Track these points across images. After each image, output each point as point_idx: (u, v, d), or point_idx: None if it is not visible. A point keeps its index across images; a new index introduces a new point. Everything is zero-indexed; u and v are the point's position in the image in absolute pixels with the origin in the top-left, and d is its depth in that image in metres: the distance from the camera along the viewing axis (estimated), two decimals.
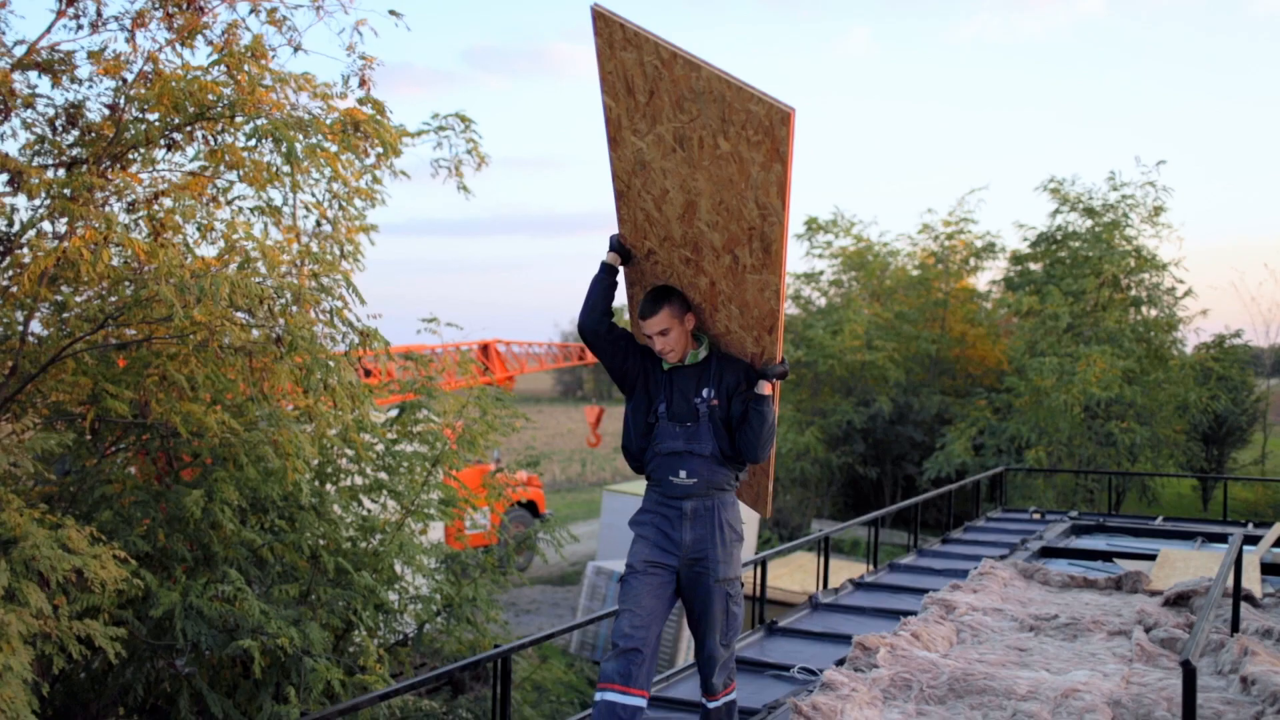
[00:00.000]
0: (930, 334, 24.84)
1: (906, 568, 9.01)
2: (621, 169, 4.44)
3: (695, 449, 4.55)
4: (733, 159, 3.83)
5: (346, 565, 7.53)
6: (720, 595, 4.50)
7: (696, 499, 4.54)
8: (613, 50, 3.94)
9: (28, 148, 7.58)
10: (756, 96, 3.52)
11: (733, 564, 4.56)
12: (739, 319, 4.54)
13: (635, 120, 4.11)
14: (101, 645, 5.50)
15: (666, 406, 4.63)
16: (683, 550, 4.51)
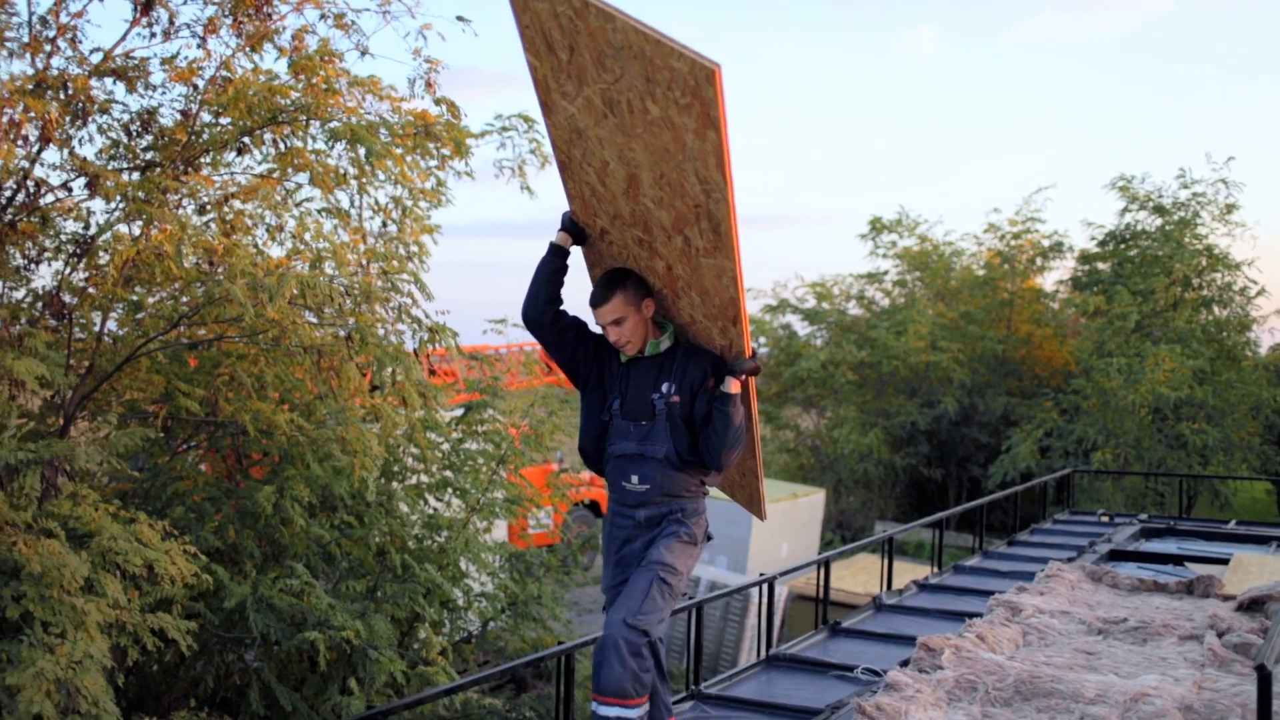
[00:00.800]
0: (996, 334, 24.56)
1: (971, 569, 8.93)
2: (558, 138, 4.01)
3: (648, 451, 4.12)
4: (665, 125, 3.40)
5: (412, 562, 7.62)
6: (647, 572, 4.03)
7: (649, 507, 4.14)
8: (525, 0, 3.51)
9: (103, 152, 7.76)
10: (677, 51, 3.06)
11: (674, 555, 4.09)
12: (701, 308, 4.07)
13: (562, 82, 3.70)
14: (174, 637, 5.61)
15: (620, 403, 4.20)
16: (632, 561, 4.18)
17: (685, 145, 3.38)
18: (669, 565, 4.03)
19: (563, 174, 4.17)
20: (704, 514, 4.26)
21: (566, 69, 3.60)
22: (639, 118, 3.47)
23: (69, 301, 7.62)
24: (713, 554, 18.37)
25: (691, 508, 4.19)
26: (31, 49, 6.83)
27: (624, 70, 3.33)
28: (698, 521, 4.21)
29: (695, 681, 5.65)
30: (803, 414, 27.04)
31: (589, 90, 3.57)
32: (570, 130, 3.87)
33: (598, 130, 3.71)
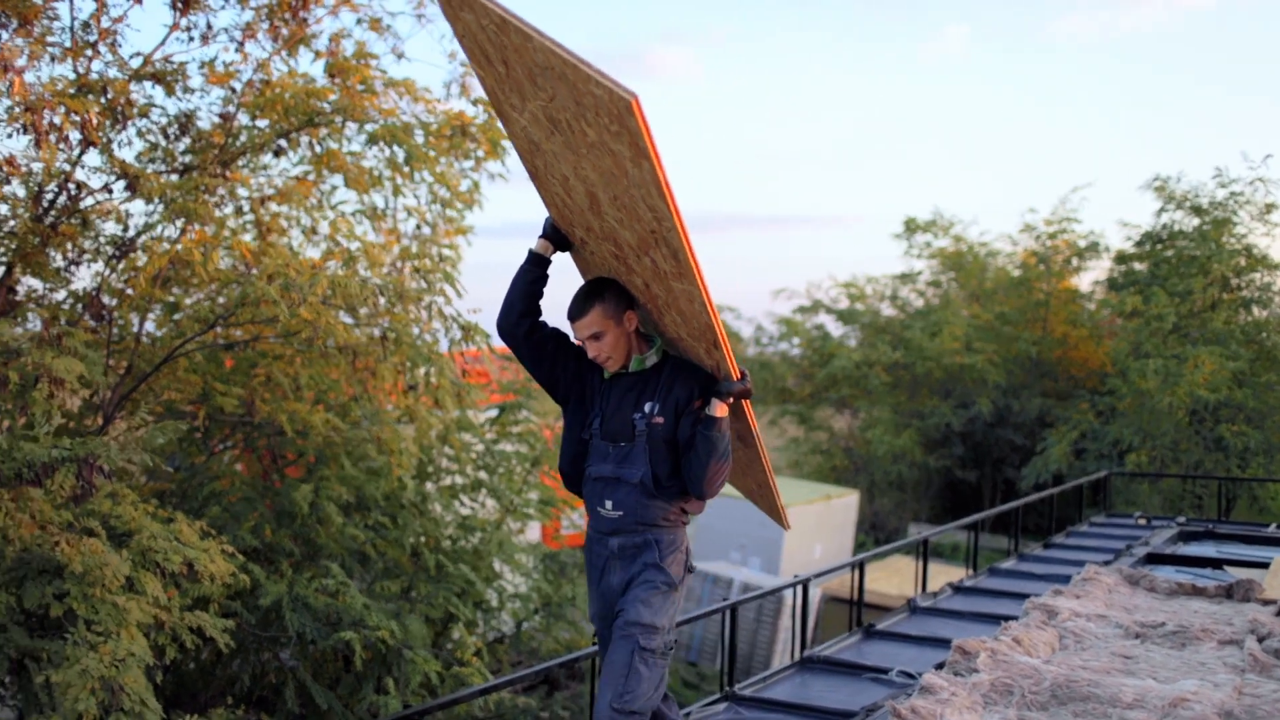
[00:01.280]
0: (1031, 335, 24.40)
1: (1007, 572, 8.88)
2: (520, 148, 3.83)
3: (625, 475, 3.77)
4: (604, 150, 3.16)
5: (447, 562, 7.66)
6: (626, 643, 3.65)
7: (623, 535, 3.79)
8: (453, 9, 3.34)
9: (143, 155, 7.84)
10: (594, 79, 2.81)
11: (651, 609, 3.70)
12: (684, 327, 3.75)
13: (507, 93, 3.50)
14: (212, 636, 5.66)
15: (601, 422, 3.86)
16: (613, 599, 3.83)
17: (627, 172, 3.15)
18: (648, 626, 3.67)
19: (534, 182, 3.97)
20: (684, 546, 3.88)
21: (506, 82, 3.43)
22: (580, 139, 3.25)
23: (108, 303, 7.72)
24: (746, 555, 18.35)
25: (669, 539, 3.81)
26: (73, 53, 6.91)
27: (555, 90, 3.13)
28: (675, 558, 3.83)
29: (729, 683, 5.65)
30: (836, 415, 26.96)
31: (532, 105, 3.38)
32: (528, 141, 3.70)
33: (549, 145, 3.51)
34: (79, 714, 4.22)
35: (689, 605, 16.51)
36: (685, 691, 13.93)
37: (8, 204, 7.00)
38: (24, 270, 7.29)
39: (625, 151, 3.04)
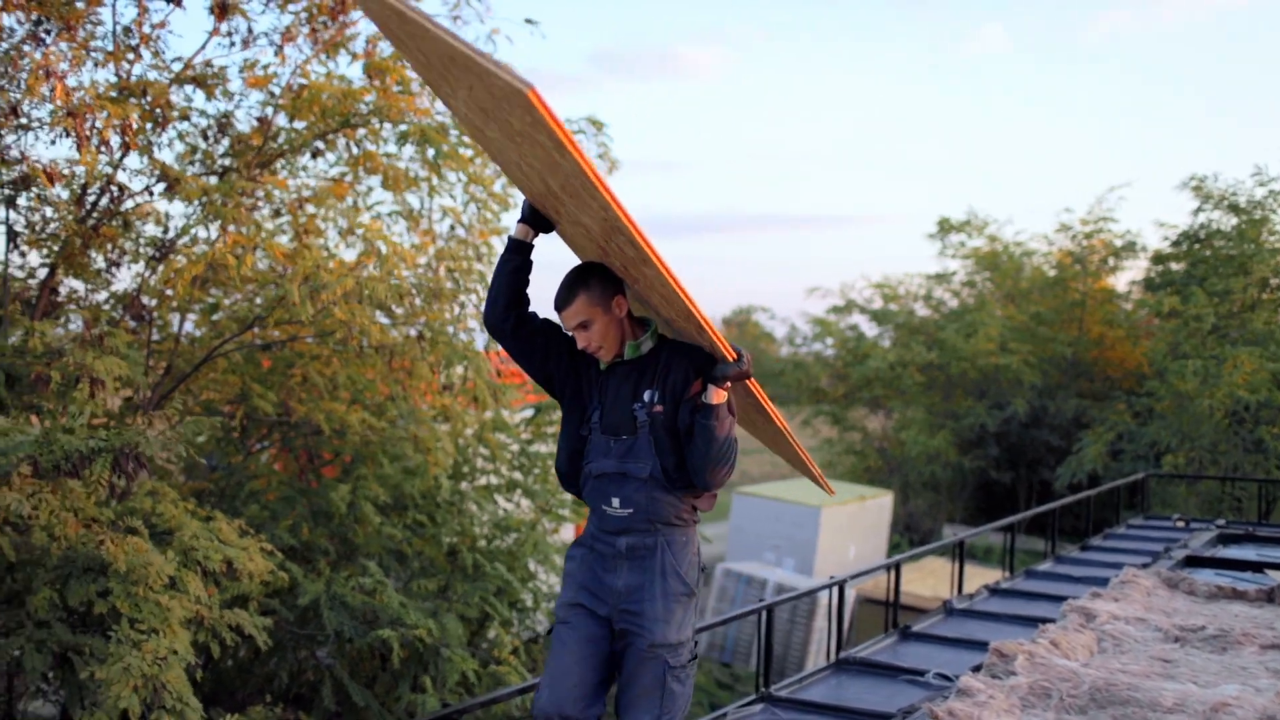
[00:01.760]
0: (1067, 336, 24.23)
1: (1044, 574, 8.81)
2: (467, 131, 3.63)
3: (631, 469, 3.52)
4: (532, 141, 2.96)
5: (483, 561, 7.69)
6: (654, 665, 3.46)
7: (634, 535, 3.53)
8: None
9: (183, 157, 7.92)
10: (490, 70, 2.56)
11: (675, 625, 3.48)
12: (670, 309, 3.53)
13: (436, 81, 3.32)
14: (251, 633, 5.71)
15: (600, 414, 3.61)
16: (614, 599, 3.54)
17: (557, 162, 2.94)
18: (674, 645, 3.48)
19: (499, 165, 3.68)
20: (695, 546, 3.64)
21: (430, 70, 3.22)
22: (510, 129, 3.04)
23: (148, 303, 7.80)
24: (780, 556, 18.33)
25: (681, 539, 3.57)
26: (115, 58, 6.99)
27: (470, 80, 2.90)
28: (690, 560, 3.59)
29: (765, 684, 5.64)
30: (870, 415, 26.88)
31: (461, 93, 3.14)
32: (471, 127, 3.51)
33: (490, 133, 3.31)
34: (122, 710, 4.27)
35: (722, 606, 16.51)
36: (719, 692, 13.93)
37: (51, 207, 7.09)
38: (66, 271, 7.39)
39: (547, 142, 2.82)
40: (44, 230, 7.28)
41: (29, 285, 7.37)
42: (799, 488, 20.56)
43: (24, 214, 7.12)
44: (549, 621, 9.32)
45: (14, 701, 5.65)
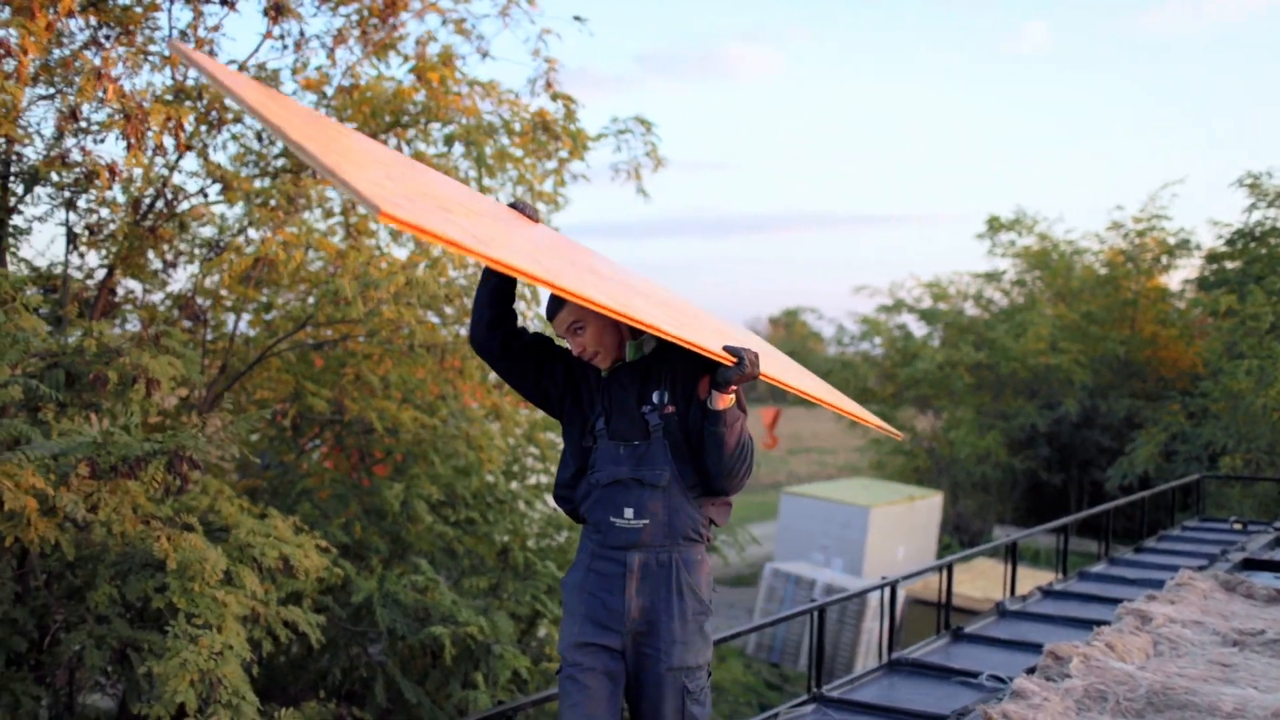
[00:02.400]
0: (1119, 335, 23.96)
1: (1098, 576, 8.71)
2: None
3: (646, 476, 3.24)
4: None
5: (534, 560, 7.72)
6: (673, 689, 3.20)
7: (648, 550, 3.23)
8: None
9: (236, 159, 8.01)
10: (347, 185, 2.18)
11: (694, 647, 3.24)
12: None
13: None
14: (305, 630, 5.77)
15: (606, 421, 3.32)
16: (626, 624, 3.23)
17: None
18: (693, 669, 3.25)
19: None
20: (708, 565, 3.38)
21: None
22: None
23: (202, 304, 7.90)
24: (828, 556, 18.26)
25: (696, 558, 3.30)
26: (171, 61, 7.08)
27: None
28: (706, 580, 3.33)
29: (816, 684, 5.61)
30: (918, 415, 26.73)
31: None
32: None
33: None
34: (179, 705, 4.32)
35: (770, 606, 16.48)
36: (768, 693, 13.90)
37: (108, 209, 7.20)
38: (124, 273, 7.49)
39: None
40: (102, 232, 7.39)
41: (87, 286, 7.48)
42: (847, 488, 20.48)
43: (83, 216, 7.24)
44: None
45: (74, 694, 5.74)
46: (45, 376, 5.67)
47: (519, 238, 2.87)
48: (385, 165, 2.64)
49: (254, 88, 2.59)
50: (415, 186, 2.59)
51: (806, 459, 41.92)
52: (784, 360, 4.48)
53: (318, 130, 2.56)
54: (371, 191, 2.14)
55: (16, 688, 5.14)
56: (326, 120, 2.84)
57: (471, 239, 2.35)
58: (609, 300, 2.66)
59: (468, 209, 2.76)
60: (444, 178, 3.14)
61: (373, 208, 2.08)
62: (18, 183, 6.49)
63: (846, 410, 3.97)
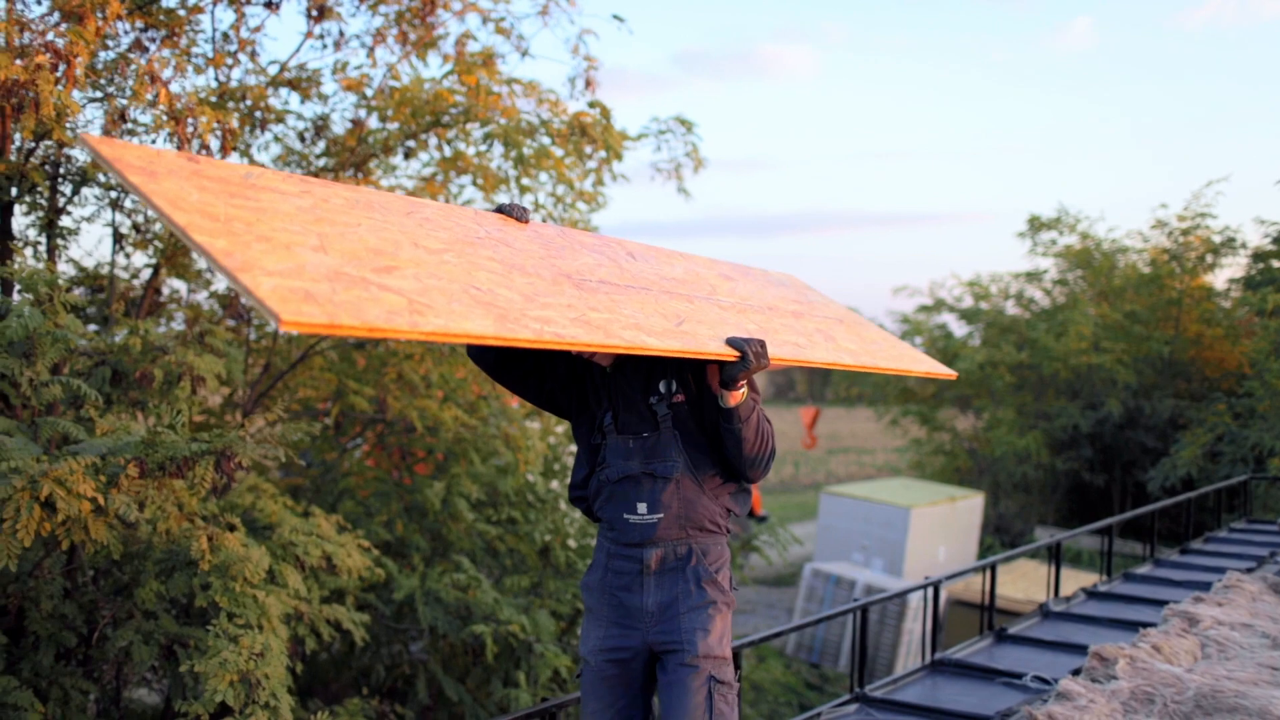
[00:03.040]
0: (1163, 335, 23.69)
1: (1143, 578, 8.63)
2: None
3: (657, 469, 3.13)
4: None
5: (575, 559, 7.73)
6: (698, 682, 3.03)
7: (664, 545, 3.12)
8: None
9: (280, 159, 8.08)
10: (245, 290, 2.11)
11: (717, 636, 3.10)
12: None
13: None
14: (348, 628, 5.81)
15: (613, 415, 3.21)
16: (646, 622, 3.13)
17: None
18: (719, 659, 3.08)
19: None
20: (728, 558, 3.25)
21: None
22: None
23: (246, 303, 7.97)
24: (868, 557, 18.18)
25: (716, 550, 3.18)
26: (215, 63, 7.15)
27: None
28: (724, 572, 3.21)
29: (859, 684, 5.59)
30: (959, 415, 26.56)
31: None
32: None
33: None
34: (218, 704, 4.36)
35: (810, 606, 16.42)
36: (808, 692, 13.85)
37: None
38: (169, 272, 7.57)
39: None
40: (148, 232, 7.47)
41: (133, 285, 7.57)
42: (888, 488, 20.37)
43: (128, 216, 7.32)
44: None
45: (121, 689, 5.80)
46: (92, 374, 5.74)
47: (488, 270, 2.71)
48: (322, 227, 2.49)
49: (176, 171, 2.42)
50: (351, 246, 2.44)
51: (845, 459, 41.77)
52: (826, 311, 4.37)
53: (243, 205, 2.40)
54: (276, 295, 2.04)
55: (66, 682, 5.20)
56: (267, 179, 2.64)
57: (405, 313, 2.22)
58: (587, 337, 2.57)
59: (420, 252, 2.62)
60: (409, 202, 2.99)
61: (273, 316, 1.98)
62: (66, 184, 6.57)
63: (884, 367, 3.87)
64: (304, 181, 2.76)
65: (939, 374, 4.21)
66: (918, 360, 4.17)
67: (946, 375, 4.23)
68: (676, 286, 3.41)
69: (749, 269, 4.38)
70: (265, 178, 2.64)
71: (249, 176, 2.60)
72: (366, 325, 2.09)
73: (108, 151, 2.35)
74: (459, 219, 3.04)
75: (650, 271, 3.44)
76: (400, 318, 2.18)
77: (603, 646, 3.19)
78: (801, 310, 4.05)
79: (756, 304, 3.77)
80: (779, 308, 3.90)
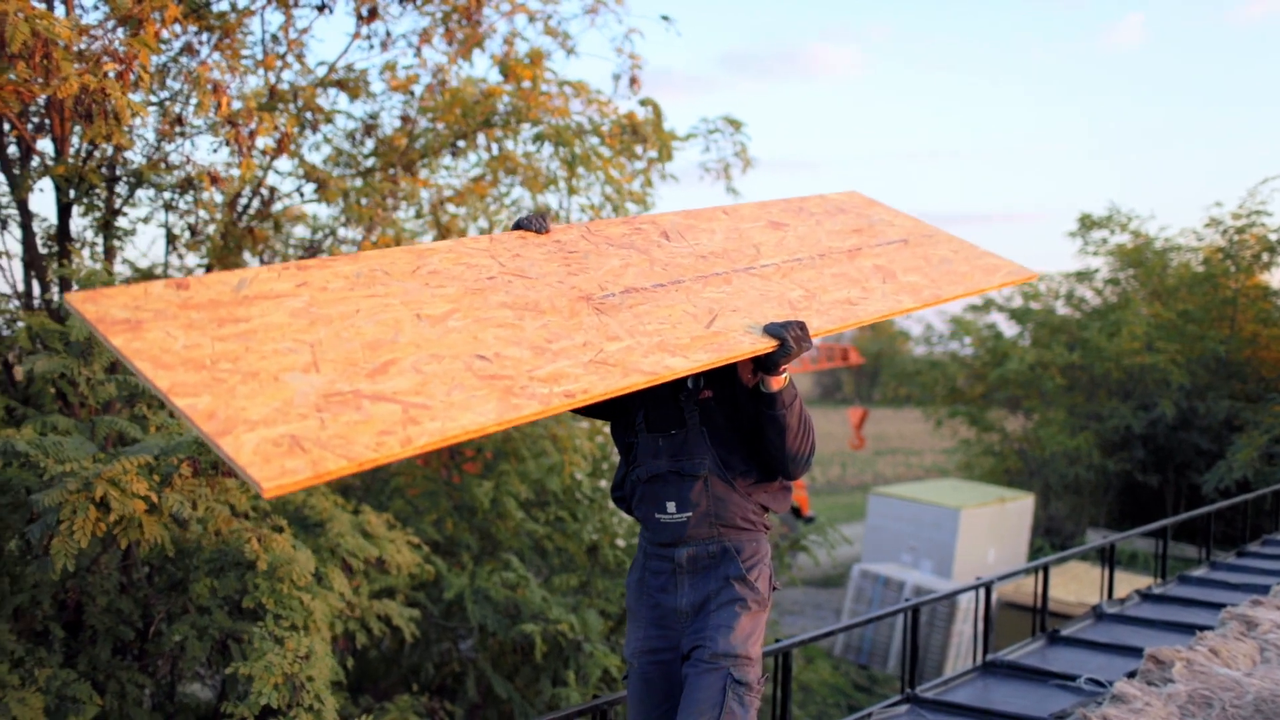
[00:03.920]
0: (1217, 334, 23.34)
1: (1199, 580, 8.50)
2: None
3: (685, 468, 3.06)
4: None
5: (624, 558, 7.74)
6: (715, 678, 2.94)
7: (694, 544, 3.06)
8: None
9: (329, 160, 8.15)
10: (235, 462, 2.07)
11: (741, 634, 2.99)
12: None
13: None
14: (399, 625, 5.84)
15: (644, 414, 3.15)
16: (680, 623, 3.10)
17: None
18: (741, 658, 2.97)
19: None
20: (767, 556, 3.15)
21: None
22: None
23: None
24: (917, 558, 18.07)
25: (750, 547, 3.09)
26: (265, 65, 7.22)
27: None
28: (760, 571, 3.10)
29: (910, 685, 5.55)
30: (1008, 416, 26.33)
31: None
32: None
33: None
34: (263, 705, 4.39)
35: (858, 607, 16.33)
36: (856, 694, 13.78)
37: (206, 210, 7.36)
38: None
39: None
40: (200, 233, 7.56)
41: None
42: (937, 489, 20.23)
43: (182, 218, 7.41)
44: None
45: (175, 684, 5.87)
46: None
47: (497, 325, 2.65)
48: (316, 330, 2.44)
49: (163, 312, 2.37)
50: (346, 349, 2.40)
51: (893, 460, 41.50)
52: (892, 225, 4.11)
53: (232, 332, 2.36)
54: (259, 455, 2.01)
55: (122, 676, 5.28)
56: (260, 284, 2.56)
57: (399, 426, 2.18)
58: (603, 385, 2.52)
59: (422, 327, 2.56)
60: (416, 255, 2.91)
61: (255, 485, 1.97)
62: (122, 185, 6.66)
63: (950, 296, 3.62)
64: (301, 271, 2.68)
65: (1017, 279, 3.95)
66: (991, 272, 3.90)
67: (1028, 277, 3.99)
68: (713, 263, 3.32)
69: (804, 202, 4.12)
70: (258, 283, 2.57)
71: (241, 287, 2.53)
72: (355, 463, 2.06)
73: (92, 312, 2.32)
74: (470, 258, 2.97)
75: (685, 252, 3.35)
76: (392, 437, 2.15)
77: (643, 648, 3.17)
78: (860, 243, 3.83)
79: (807, 254, 3.60)
80: (833, 250, 3.71)
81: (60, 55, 4.79)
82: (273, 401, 2.17)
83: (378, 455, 2.10)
